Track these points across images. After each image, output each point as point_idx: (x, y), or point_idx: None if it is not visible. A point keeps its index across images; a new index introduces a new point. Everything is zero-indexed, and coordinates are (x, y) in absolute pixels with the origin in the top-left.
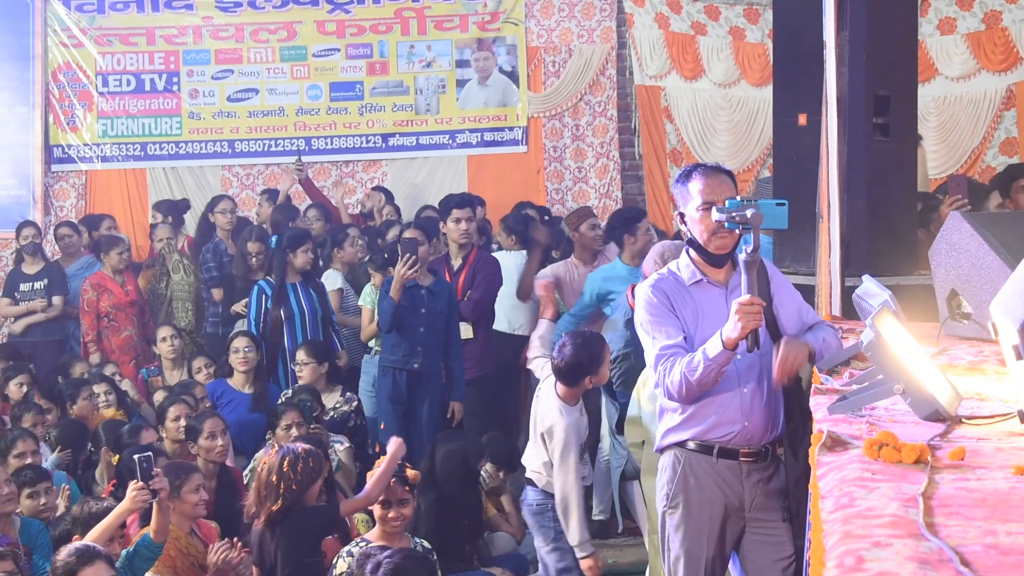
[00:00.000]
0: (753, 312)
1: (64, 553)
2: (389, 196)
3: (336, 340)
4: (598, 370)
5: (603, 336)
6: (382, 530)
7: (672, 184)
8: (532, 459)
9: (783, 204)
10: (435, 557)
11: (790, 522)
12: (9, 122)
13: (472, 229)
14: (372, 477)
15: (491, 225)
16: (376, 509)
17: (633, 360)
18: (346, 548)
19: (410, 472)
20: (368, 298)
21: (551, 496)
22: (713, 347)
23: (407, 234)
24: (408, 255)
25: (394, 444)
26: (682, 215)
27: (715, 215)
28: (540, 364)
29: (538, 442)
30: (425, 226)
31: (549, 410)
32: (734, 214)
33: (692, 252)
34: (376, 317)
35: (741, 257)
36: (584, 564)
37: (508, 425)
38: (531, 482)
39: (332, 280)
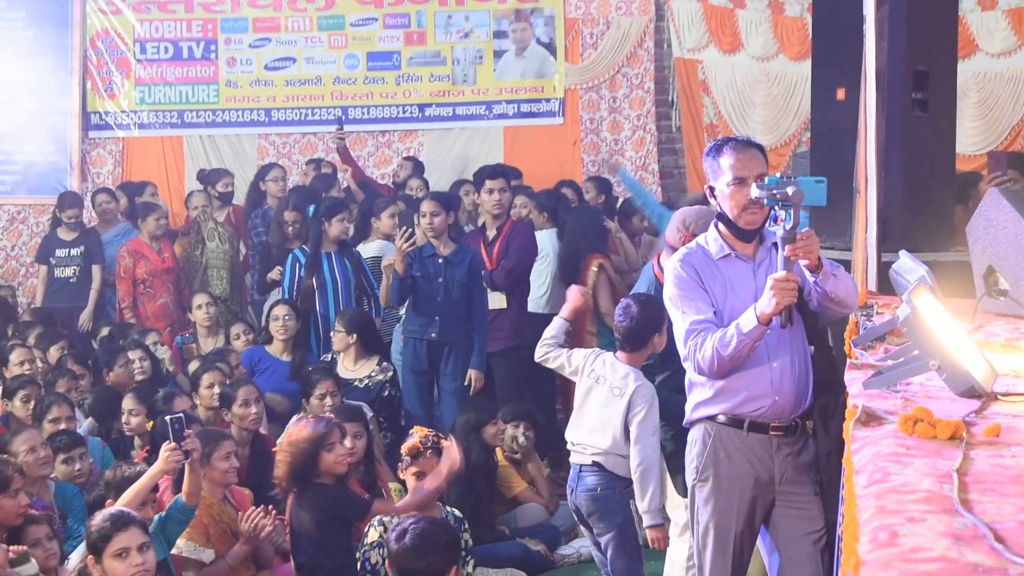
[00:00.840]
0: (788, 288)
1: (99, 518)
2: (418, 167)
3: (372, 309)
4: (661, 327)
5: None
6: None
7: (703, 157)
8: (596, 441)
9: (822, 181)
10: (466, 526)
11: (821, 496)
12: (47, 88)
13: (505, 200)
14: (418, 487)
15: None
16: (409, 479)
17: None
18: (377, 517)
19: (444, 443)
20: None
21: (618, 479)
22: (747, 322)
23: (425, 206)
24: (404, 228)
25: (448, 460)
26: (712, 189)
27: (755, 192)
28: (554, 355)
29: (609, 421)
30: (441, 199)
31: (623, 379)
32: (775, 191)
33: (721, 226)
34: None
35: (778, 233)
36: (652, 533)
37: (543, 397)
38: (591, 466)
39: (374, 248)
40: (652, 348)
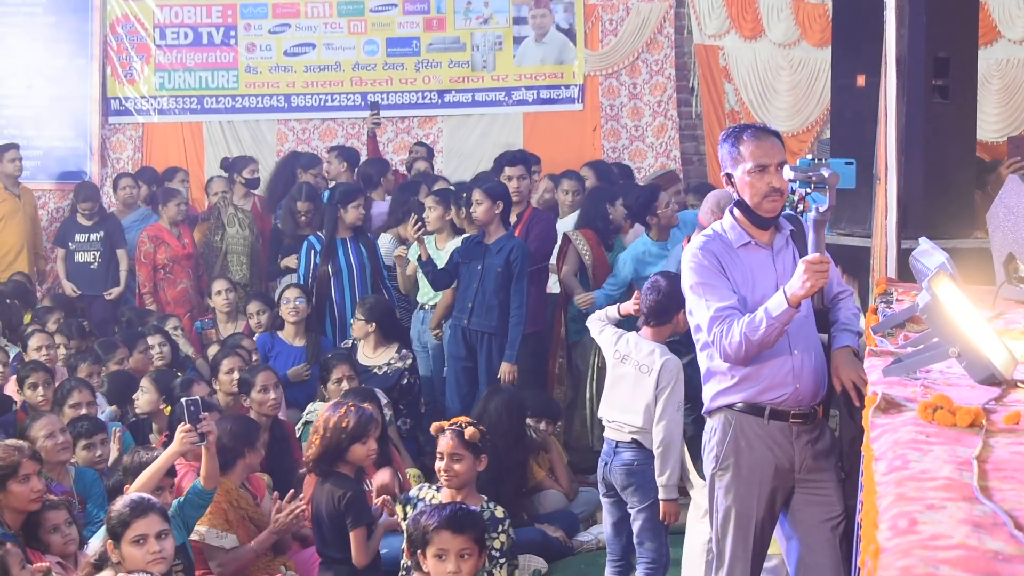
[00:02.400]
0: (822, 270)
1: (119, 503)
2: (430, 153)
3: (390, 296)
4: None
5: None
6: (445, 486)
7: (719, 144)
8: (630, 419)
9: (852, 163)
10: (506, 527)
11: (844, 483)
12: (67, 74)
13: (524, 187)
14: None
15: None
16: (437, 459)
17: None
18: (414, 491)
19: (468, 430)
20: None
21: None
22: (776, 305)
23: (474, 195)
24: (413, 215)
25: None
26: (729, 176)
27: (787, 174)
28: (598, 325)
29: (640, 398)
30: (487, 188)
31: (649, 355)
32: (809, 173)
33: (738, 213)
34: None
35: (811, 215)
36: (667, 507)
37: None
38: (629, 443)
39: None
40: (675, 326)
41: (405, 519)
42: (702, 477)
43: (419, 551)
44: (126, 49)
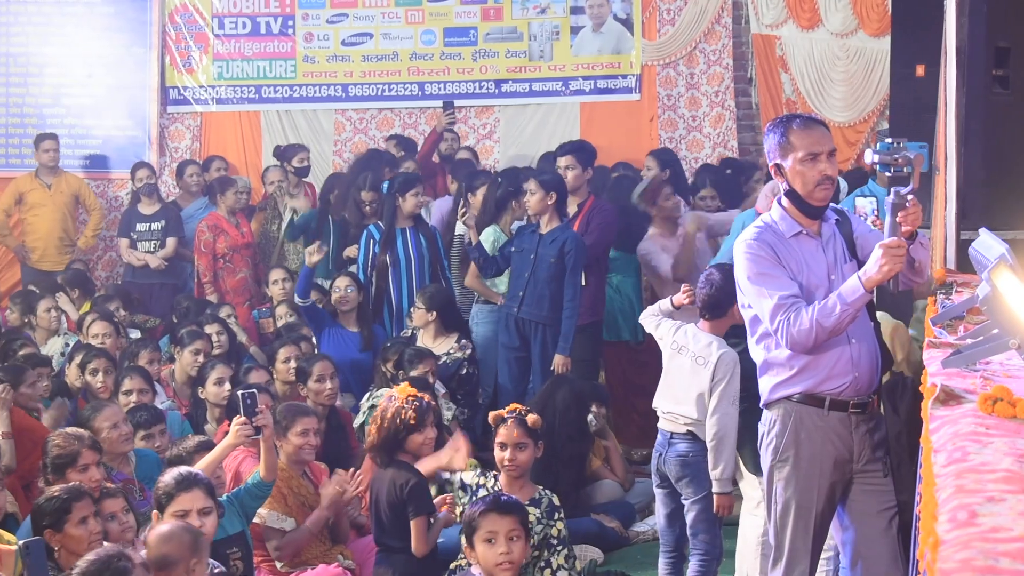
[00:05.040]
0: (899, 255)
1: (168, 475)
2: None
3: (449, 286)
4: None
5: None
6: (503, 475)
7: (765, 135)
8: (685, 411)
9: (924, 146)
10: (561, 515)
11: (891, 476)
12: (126, 63)
13: (573, 177)
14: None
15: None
16: (496, 451)
17: None
18: (470, 479)
19: (530, 417)
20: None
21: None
22: (851, 290)
23: (527, 185)
24: (460, 204)
25: (450, 449)
26: (779, 166)
27: (869, 157)
28: (653, 320)
29: (694, 390)
30: (541, 179)
31: (706, 347)
32: (895, 155)
33: (787, 203)
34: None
35: (888, 199)
36: (720, 500)
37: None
38: (684, 435)
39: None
40: (733, 318)
41: (462, 509)
42: (749, 470)
43: (466, 544)
44: (185, 38)
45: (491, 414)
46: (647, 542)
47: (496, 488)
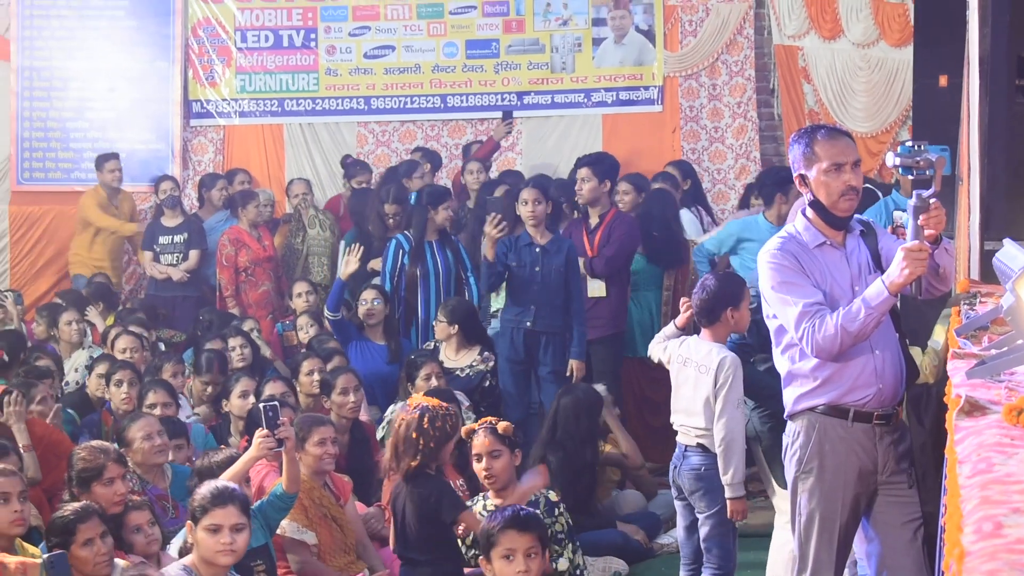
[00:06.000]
0: (921, 258)
1: (204, 488)
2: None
3: (473, 299)
4: (739, 304)
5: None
6: (489, 488)
7: (789, 146)
8: (695, 422)
9: (946, 150)
10: (561, 509)
11: (916, 488)
12: (149, 77)
13: (588, 189)
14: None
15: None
16: (473, 464)
17: None
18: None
19: (501, 425)
20: None
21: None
22: (875, 294)
23: (526, 193)
24: (494, 214)
25: (532, 483)
26: (803, 177)
27: (890, 160)
28: (659, 347)
29: (701, 400)
30: (542, 186)
31: (707, 355)
32: (917, 158)
33: (811, 214)
34: None
35: (911, 202)
36: (734, 505)
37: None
38: (696, 447)
39: None
40: (729, 324)
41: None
42: (781, 485)
43: (482, 557)
44: (207, 52)
45: (463, 429)
46: (671, 554)
47: (490, 509)
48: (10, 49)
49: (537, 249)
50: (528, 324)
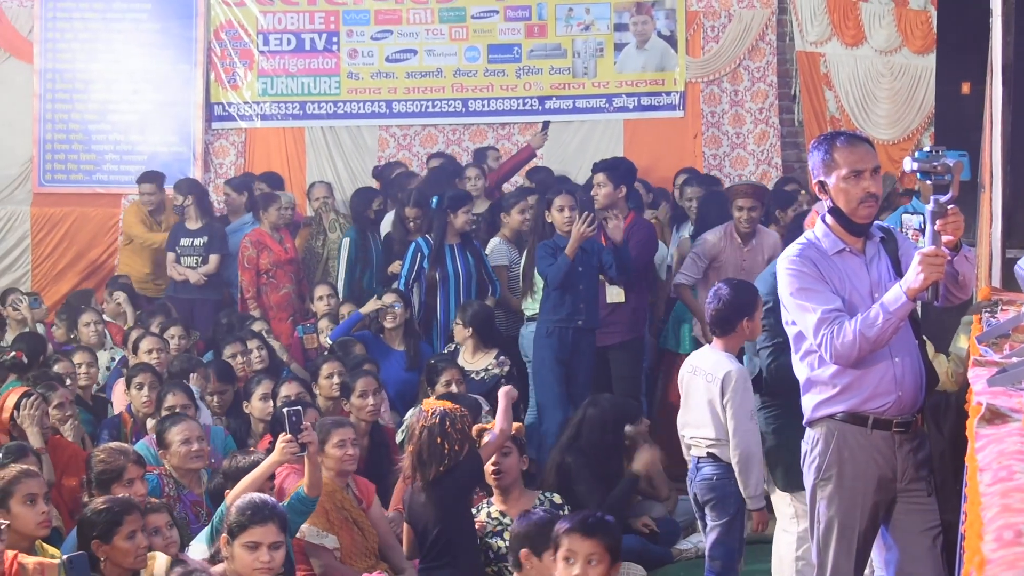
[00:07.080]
0: (937, 264)
1: (242, 502)
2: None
3: (493, 303)
4: (753, 313)
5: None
6: (495, 488)
7: (809, 153)
8: (705, 433)
9: (964, 155)
10: (566, 511)
11: (935, 496)
12: (172, 79)
13: (603, 195)
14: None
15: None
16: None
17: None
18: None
19: (513, 425)
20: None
21: (732, 468)
22: (893, 299)
23: (560, 200)
24: (586, 212)
25: (504, 391)
26: (822, 184)
27: (908, 165)
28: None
29: (710, 410)
30: (575, 195)
31: (717, 365)
32: (934, 163)
33: (831, 220)
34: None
35: (928, 207)
36: (757, 516)
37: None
38: (707, 458)
39: (498, 255)
40: (744, 334)
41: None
42: (780, 487)
43: (521, 550)
44: (230, 55)
45: (475, 427)
46: (690, 560)
47: (495, 515)
48: (33, 51)
49: (580, 250)
50: (580, 322)
